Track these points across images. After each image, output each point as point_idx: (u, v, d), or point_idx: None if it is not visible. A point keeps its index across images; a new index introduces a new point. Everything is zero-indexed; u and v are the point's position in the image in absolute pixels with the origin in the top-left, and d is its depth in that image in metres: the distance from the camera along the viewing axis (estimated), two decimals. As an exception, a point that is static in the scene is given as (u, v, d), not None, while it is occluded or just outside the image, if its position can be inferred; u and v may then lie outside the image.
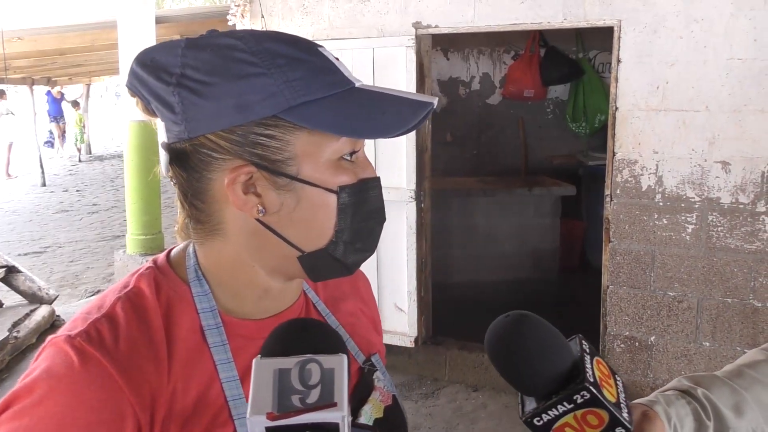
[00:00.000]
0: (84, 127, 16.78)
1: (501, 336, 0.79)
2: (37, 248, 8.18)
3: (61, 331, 0.75)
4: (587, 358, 0.79)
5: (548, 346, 0.78)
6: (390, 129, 0.74)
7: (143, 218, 6.45)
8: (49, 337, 0.75)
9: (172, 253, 0.86)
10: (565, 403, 0.75)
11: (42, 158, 13.04)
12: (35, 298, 5.36)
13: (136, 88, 0.77)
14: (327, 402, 0.59)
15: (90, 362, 0.71)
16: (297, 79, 0.72)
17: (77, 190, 12.49)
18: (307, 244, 0.77)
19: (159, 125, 0.79)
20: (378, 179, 0.81)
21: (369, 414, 0.86)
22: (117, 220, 9.59)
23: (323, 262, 0.78)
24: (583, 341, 0.82)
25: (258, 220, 0.76)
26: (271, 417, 0.58)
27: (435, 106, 0.77)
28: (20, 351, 4.69)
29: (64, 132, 17.69)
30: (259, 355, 0.64)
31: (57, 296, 5.60)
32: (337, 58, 0.79)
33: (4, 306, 5.30)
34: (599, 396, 0.75)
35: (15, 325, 4.78)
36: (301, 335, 0.66)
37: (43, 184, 12.81)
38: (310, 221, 0.76)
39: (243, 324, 0.82)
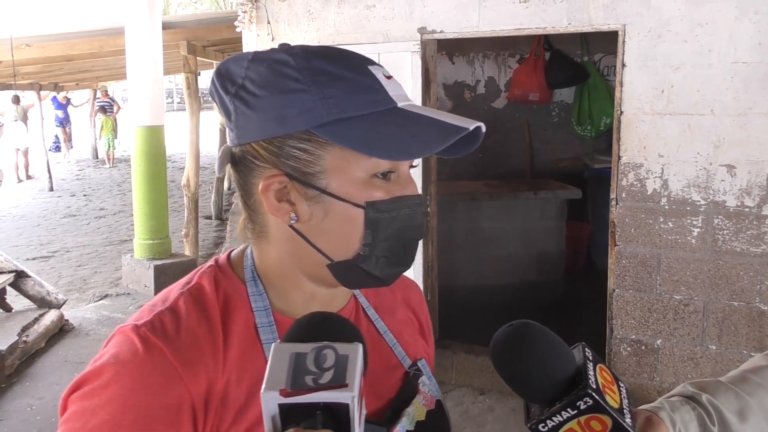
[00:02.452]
0: (114, 131, 16.76)
1: (505, 345, 0.81)
2: (45, 253, 8.22)
3: (129, 321, 0.81)
4: (590, 365, 0.80)
5: (551, 354, 0.80)
6: (414, 152, 0.76)
7: (150, 223, 6.48)
8: (118, 326, 0.81)
9: (233, 254, 0.91)
10: (568, 410, 0.77)
11: (49, 163, 13.11)
12: (44, 303, 5.39)
13: (212, 94, 0.85)
14: (339, 383, 0.61)
15: (153, 350, 0.77)
16: (333, 96, 0.76)
17: (84, 195, 12.54)
18: (336, 253, 0.81)
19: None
20: (417, 197, 0.83)
21: (411, 416, 0.88)
22: (124, 225, 9.63)
23: (353, 273, 0.81)
24: (586, 348, 0.83)
25: (291, 226, 0.81)
26: (283, 393, 0.60)
27: (482, 130, 0.80)
28: (29, 355, 4.72)
29: (71, 137, 17.75)
30: (278, 341, 0.67)
31: (65, 300, 5.63)
32: (390, 77, 0.81)
33: (13, 310, 5.34)
34: (602, 402, 0.76)
35: (24, 329, 4.81)
36: (322, 326, 0.69)
37: (51, 189, 12.87)
38: (337, 233, 0.80)
39: None
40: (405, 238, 0.82)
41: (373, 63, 0.81)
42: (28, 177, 14.51)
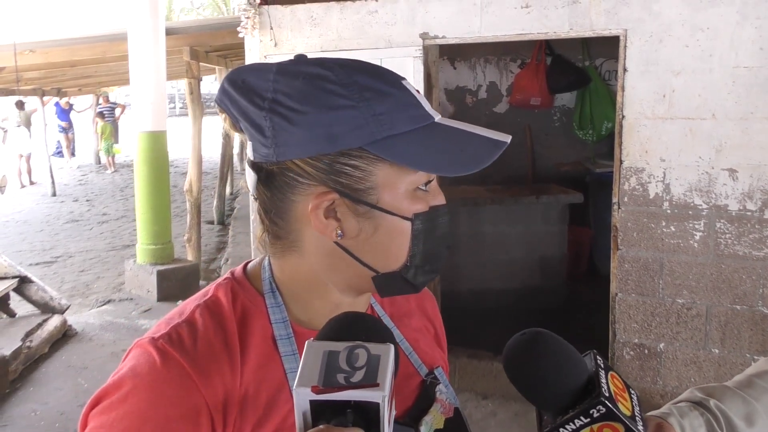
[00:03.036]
0: (114, 136, 16.79)
1: (518, 353, 0.83)
2: (48, 258, 8.24)
3: (147, 334, 0.82)
4: (602, 373, 0.81)
5: (565, 362, 0.81)
6: (468, 166, 0.78)
7: (153, 228, 6.49)
8: (136, 340, 0.82)
9: (249, 265, 0.91)
10: (582, 417, 0.78)
11: (52, 168, 13.15)
12: (47, 308, 5.40)
13: (227, 106, 0.81)
14: (370, 382, 0.62)
15: (170, 362, 0.77)
16: (383, 113, 0.77)
17: (87, 200, 12.56)
18: (383, 266, 0.82)
19: (243, 143, 0.84)
20: (446, 206, 0.85)
21: (429, 425, 0.89)
22: (127, 230, 9.65)
23: (395, 282, 0.83)
24: (598, 356, 0.84)
25: (336, 242, 0.80)
26: (315, 390, 0.61)
27: (507, 143, 0.81)
28: (33, 360, 4.73)
29: (73, 143, 17.78)
30: (312, 339, 0.67)
31: (69, 306, 5.64)
32: (418, 91, 0.82)
33: (17, 316, 5.35)
34: (615, 410, 0.77)
35: (28, 334, 4.82)
36: (355, 325, 0.69)
37: (54, 194, 12.89)
38: (387, 246, 0.81)
39: (313, 335, 0.86)
40: (440, 246, 0.84)
41: (403, 78, 0.82)
42: (32, 182, 14.55)
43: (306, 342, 0.67)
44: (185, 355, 0.78)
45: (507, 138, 0.80)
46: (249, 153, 0.82)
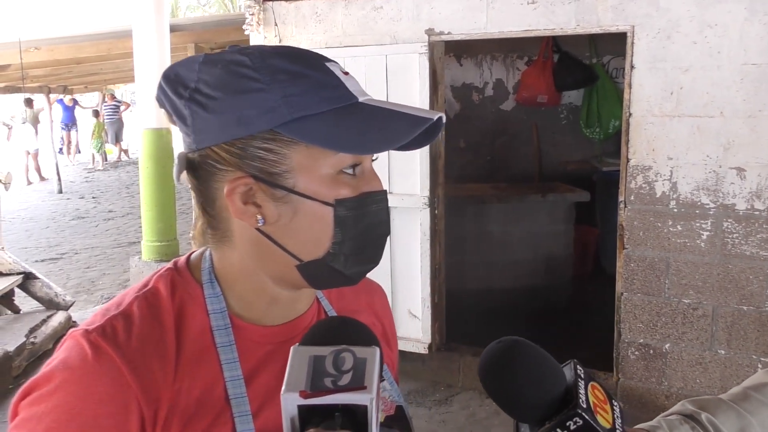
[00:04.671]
0: (105, 135, 16.86)
1: (493, 363, 0.79)
2: (54, 255, 8.25)
3: (82, 325, 0.79)
4: (581, 383, 0.78)
5: (540, 372, 0.78)
6: (382, 145, 0.76)
7: (158, 225, 6.49)
8: (70, 330, 0.80)
9: (192, 256, 0.90)
10: (558, 429, 0.75)
11: (58, 165, 13.18)
12: (52, 304, 5.41)
13: (161, 100, 0.82)
14: (357, 385, 0.61)
15: (102, 357, 0.75)
16: (295, 94, 0.75)
17: (93, 197, 12.59)
18: (305, 253, 0.79)
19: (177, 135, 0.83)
20: (383, 192, 0.82)
21: None
22: (132, 227, 9.66)
23: (322, 272, 0.80)
24: (578, 366, 0.81)
25: (258, 229, 0.79)
26: (303, 395, 0.61)
27: (443, 121, 0.79)
28: (37, 357, 4.73)
29: (76, 140, 17.79)
30: (297, 344, 0.67)
31: (73, 302, 5.65)
32: (347, 73, 0.80)
33: (21, 312, 5.36)
34: (592, 422, 0.74)
35: (32, 330, 4.83)
36: (339, 330, 0.69)
37: (60, 191, 12.93)
38: (306, 232, 0.79)
39: (252, 328, 0.85)
40: (373, 235, 0.82)
41: (329, 60, 0.80)
42: (42, 179, 14.58)
43: (291, 347, 0.65)
44: (118, 349, 0.76)
45: (434, 115, 0.77)
46: (181, 144, 0.83)
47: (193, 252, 0.90)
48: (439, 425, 3.77)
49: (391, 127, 0.76)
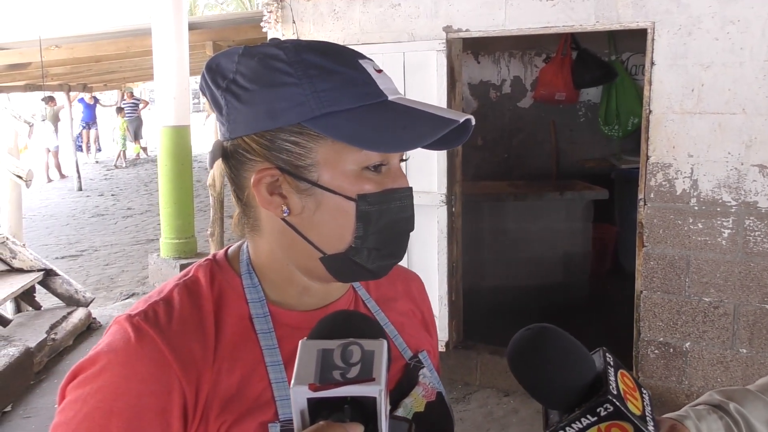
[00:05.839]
0: (129, 131, 16.98)
1: (522, 349, 0.80)
2: (74, 252, 8.33)
3: (126, 311, 0.83)
4: (611, 370, 0.78)
5: (570, 359, 0.78)
6: (406, 144, 0.77)
7: (176, 222, 6.54)
8: (116, 316, 0.83)
9: (230, 249, 0.92)
10: (588, 416, 0.75)
11: (78, 163, 13.31)
12: (72, 301, 5.46)
13: (203, 89, 0.85)
14: (366, 377, 0.62)
15: (145, 339, 0.78)
16: (325, 90, 0.77)
17: (112, 195, 12.69)
18: (328, 246, 0.81)
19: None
20: (408, 189, 0.83)
21: (409, 407, 0.89)
22: (151, 224, 9.73)
23: (345, 265, 0.82)
24: (608, 354, 0.81)
25: (284, 219, 0.81)
26: (312, 388, 0.62)
27: (471, 123, 0.79)
28: (58, 353, 4.78)
29: (97, 138, 17.92)
30: (305, 338, 0.68)
31: (93, 299, 5.70)
32: (380, 70, 0.81)
33: (42, 308, 5.41)
34: (623, 408, 0.74)
35: (53, 327, 4.88)
36: (345, 324, 0.69)
37: (80, 189, 13.05)
38: (329, 225, 0.80)
39: (288, 314, 0.87)
40: (396, 231, 0.83)
41: (363, 57, 0.81)
42: (62, 176, 14.72)
43: (300, 341, 0.66)
44: (159, 332, 0.79)
45: (462, 117, 0.78)
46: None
47: (231, 245, 0.93)
48: (456, 423, 3.74)
49: (417, 127, 0.77)
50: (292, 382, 0.62)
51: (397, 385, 0.91)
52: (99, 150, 18.04)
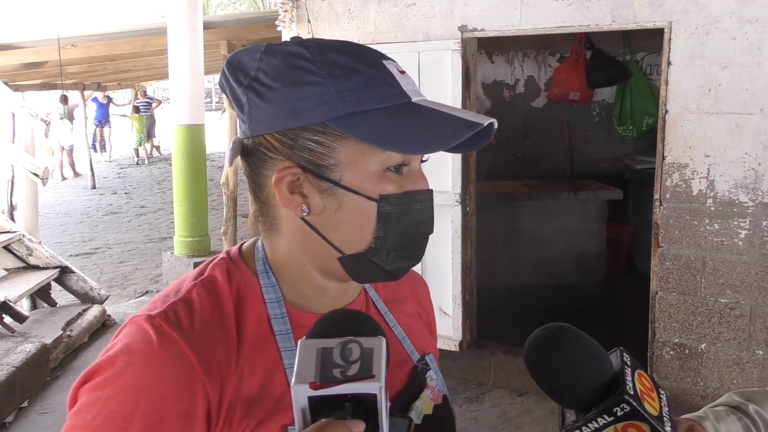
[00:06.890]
0: (146, 128, 17.04)
1: (539, 348, 0.80)
2: (88, 249, 8.39)
3: (141, 311, 0.80)
4: (628, 370, 0.78)
5: (587, 359, 0.78)
6: (428, 146, 0.76)
7: (190, 221, 6.57)
8: (130, 316, 0.81)
9: (244, 246, 0.91)
10: (605, 416, 0.75)
11: (92, 161, 13.39)
12: (87, 298, 5.50)
13: (223, 86, 0.84)
14: (366, 374, 0.62)
15: (167, 341, 0.76)
16: (349, 89, 0.76)
17: (125, 193, 12.77)
18: (348, 246, 0.81)
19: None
20: (428, 192, 0.83)
21: (419, 410, 0.90)
22: (164, 222, 9.78)
23: (364, 266, 0.82)
24: (624, 354, 0.81)
25: (303, 219, 0.81)
26: (313, 386, 0.62)
27: (494, 126, 0.79)
28: (73, 349, 4.82)
29: (107, 136, 17.98)
30: (304, 337, 0.68)
31: (108, 296, 5.74)
32: (404, 72, 0.81)
33: (57, 305, 5.46)
34: (639, 408, 0.74)
35: (68, 324, 4.92)
36: (344, 322, 0.69)
37: (93, 187, 13.14)
38: (349, 225, 0.80)
39: (306, 315, 0.86)
40: (416, 233, 0.82)
41: (386, 58, 0.81)
42: (76, 174, 14.81)
43: (299, 341, 0.66)
44: (183, 334, 0.77)
45: (485, 120, 0.77)
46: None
47: (244, 242, 0.92)
48: (470, 423, 3.76)
49: (439, 130, 0.77)
50: (293, 381, 0.62)
51: (406, 388, 0.91)
52: (104, 149, 18.08)
